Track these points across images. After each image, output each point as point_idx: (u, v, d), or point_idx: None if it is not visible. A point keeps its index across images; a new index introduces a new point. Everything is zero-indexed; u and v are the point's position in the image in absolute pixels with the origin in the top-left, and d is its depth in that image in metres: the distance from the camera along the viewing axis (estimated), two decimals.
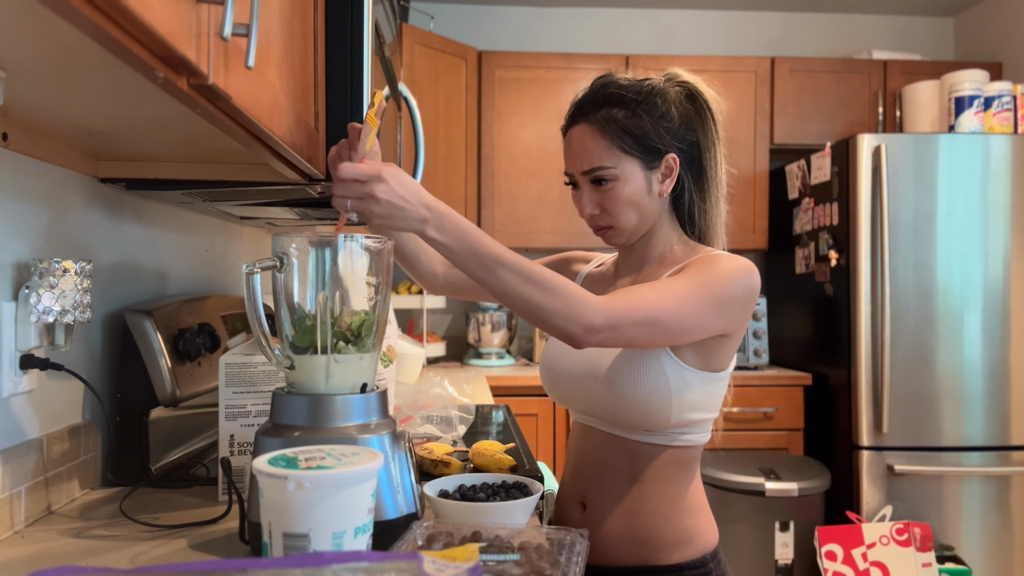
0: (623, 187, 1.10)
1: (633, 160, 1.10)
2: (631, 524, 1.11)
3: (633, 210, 1.12)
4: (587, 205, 1.13)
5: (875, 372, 2.77)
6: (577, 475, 1.18)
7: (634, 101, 1.10)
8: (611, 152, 1.09)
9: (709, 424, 1.14)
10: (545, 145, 3.37)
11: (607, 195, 1.11)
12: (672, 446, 1.11)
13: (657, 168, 1.11)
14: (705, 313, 1.01)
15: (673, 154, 1.11)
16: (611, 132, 1.09)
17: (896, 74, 3.42)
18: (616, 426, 1.12)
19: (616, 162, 1.09)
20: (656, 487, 1.11)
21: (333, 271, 0.96)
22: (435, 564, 0.62)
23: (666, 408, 1.06)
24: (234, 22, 0.66)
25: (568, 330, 0.95)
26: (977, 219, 2.77)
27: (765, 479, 2.71)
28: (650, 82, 1.12)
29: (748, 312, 1.07)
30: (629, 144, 1.09)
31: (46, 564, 0.87)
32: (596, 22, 3.75)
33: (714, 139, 1.15)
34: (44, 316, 1.00)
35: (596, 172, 1.10)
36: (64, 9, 0.49)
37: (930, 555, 2.48)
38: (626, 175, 1.10)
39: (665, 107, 1.11)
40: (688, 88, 1.15)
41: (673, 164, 1.11)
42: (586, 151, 1.11)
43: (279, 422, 0.93)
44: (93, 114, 0.88)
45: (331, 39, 1.13)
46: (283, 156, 0.99)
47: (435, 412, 1.54)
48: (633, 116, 1.09)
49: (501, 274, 0.94)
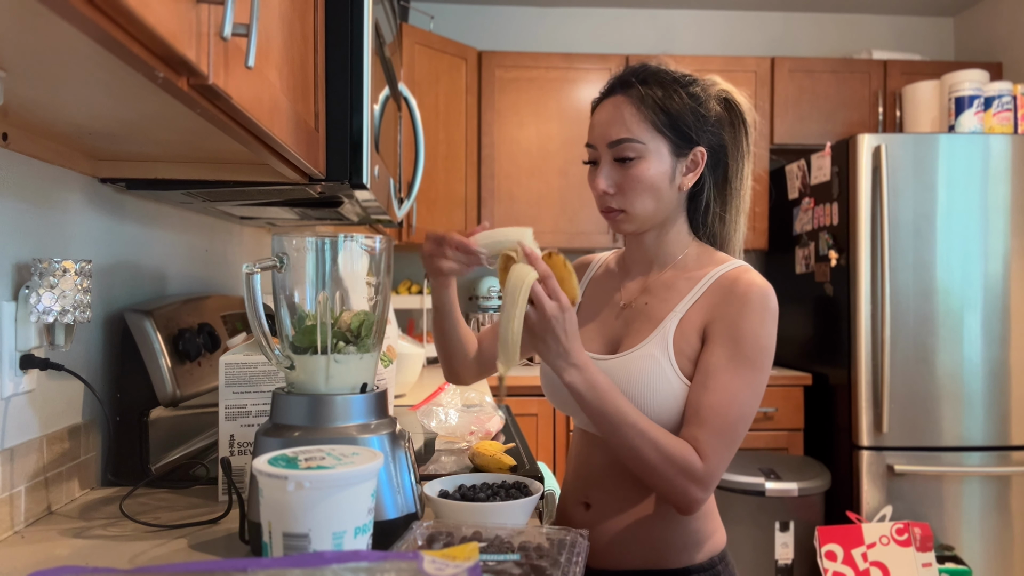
0: (648, 167, 1.05)
1: (665, 141, 1.06)
2: (636, 526, 1.08)
3: (651, 196, 1.07)
4: (603, 181, 1.08)
5: (875, 372, 2.77)
6: (580, 476, 1.16)
7: (677, 83, 1.07)
8: (644, 126, 1.05)
9: None
10: (545, 145, 3.37)
11: (628, 174, 1.06)
12: None
13: (685, 157, 1.08)
14: (758, 385, 1.03)
15: (702, 148, 1.08)
16: (649, 106, 1.05)
17: (896, 74, 3.42)
18: None
19: (648, 138, 1.05)
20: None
21: (333, 271, 0.96)
22: (435, 564, 0.62)
23: (675, 422, 1.04)
24: (234, 22, 0.66)
25: (675, 503, 1.01)
26: (977, 219, 2.77)
27: (765, 479, 2.71)
28: (693, 74, 1.11)
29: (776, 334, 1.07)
30: (664, 123, 1.05)
31: (46, 564, 0.87)
32: (596, 22, 3.75)
33: (744, 151, 1.13)
34: (44, 316, 1.00)
35: (624, 144, 1.05)
36: (64, 9, 0.49)
37: (930, 555, 2.47)
38: (653, 155, 1.05)
39: (705, 98, 1.09)
40: (728, 96, 1.13)
41: (700, 159, 1.08)
42: (619, 120, 1.06)
43: (279, 422, 0.93)
44: (93, 114, 0.88)
45: (331, 39, 1.13)
46: (283, 156, 0.99)
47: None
48: (673, 96, 1.06)
49: (623, 431, 0.98)
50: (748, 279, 1.05)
